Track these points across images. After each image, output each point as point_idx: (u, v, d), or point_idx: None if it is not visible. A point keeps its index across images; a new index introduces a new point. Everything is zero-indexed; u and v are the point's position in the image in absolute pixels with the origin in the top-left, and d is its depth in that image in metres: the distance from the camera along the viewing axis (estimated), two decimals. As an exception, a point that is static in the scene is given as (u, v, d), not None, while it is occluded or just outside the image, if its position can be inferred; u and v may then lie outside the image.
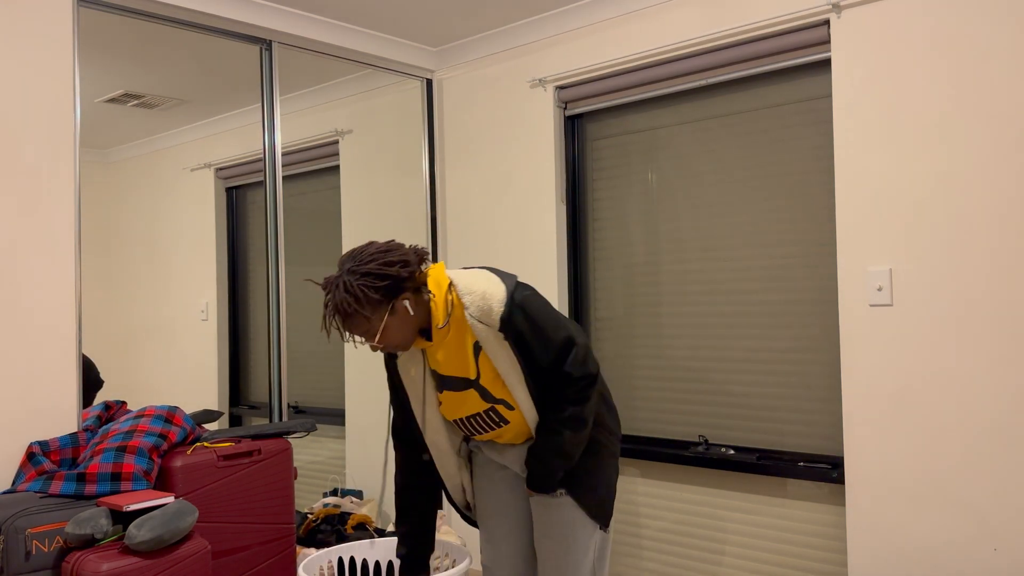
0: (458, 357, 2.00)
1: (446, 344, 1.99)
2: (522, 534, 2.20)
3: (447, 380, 2.04)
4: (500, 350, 1.94)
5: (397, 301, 1.89)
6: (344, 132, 3.57)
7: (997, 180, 2.25)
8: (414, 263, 1.92)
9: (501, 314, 1.91)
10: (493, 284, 1.95)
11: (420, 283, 1.95)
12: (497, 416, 2.04)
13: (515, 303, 1.93)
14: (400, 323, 1.91)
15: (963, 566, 2.31)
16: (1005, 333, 2.24)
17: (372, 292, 1.85)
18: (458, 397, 2.04)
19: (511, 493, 2.20)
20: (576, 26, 3.17)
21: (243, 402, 3.25)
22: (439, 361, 2.02)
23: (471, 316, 1.92)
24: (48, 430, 2.41)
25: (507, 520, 2.20)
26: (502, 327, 1.92)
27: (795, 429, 2.75)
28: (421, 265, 1.96)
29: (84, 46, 2.58)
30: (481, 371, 1.99)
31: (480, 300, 1.93)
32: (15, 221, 2.38)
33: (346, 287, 1.86)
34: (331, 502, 3.23)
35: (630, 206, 3.17)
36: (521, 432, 2.08)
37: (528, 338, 1.94)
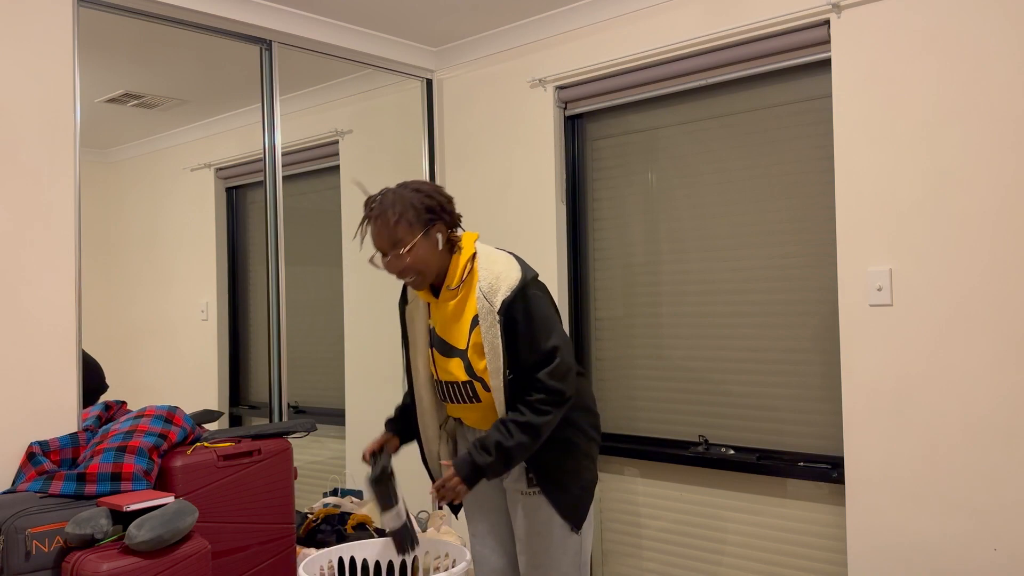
0: (455, 323, 2.06)
1: (450, 308, 2.06)
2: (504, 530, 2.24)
3: (440, 342, 2.10)
4: (491, 331, 1.99)
5: (433, 227, 2.00)
6: (344, 132, 3.57)
7: (997, 180, 2.25)
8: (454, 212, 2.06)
9: (505, 298, 1.97)
10: (511, 269, 2.02)
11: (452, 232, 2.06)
12: (472, 392, 2.08)
13: (523, 293, 1.99)
14: (427, 251, 2.00)
15: (963, 566, 2.31)
16: (1005, 333, 2.24)
17: (420, 205, 1.98)
18: (444, 361, 2.09)
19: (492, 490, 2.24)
20: (576, 26, 3.17)
21: (243, 402, 3.25)
22: (438, 321, 2.09)
23: (480, 290, 2.00)
24: (48, 430, 2.41)
25: (489, 516, 2.24)
26: (500, 310, 1.97)
27: (795, 429, 2.75)
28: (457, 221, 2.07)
29: (84, 46, 2.58)
30: (471, 343, 2.03)
31: (493, 279, 2.00)
32: (15, 221, 2.38)
33: (396, 192, 2.01)
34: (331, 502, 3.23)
35: (630, 206, 3.17)
36: (486, 418, 2.11)
37: (520, 330, 1.99)
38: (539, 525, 2.09)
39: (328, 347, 3.54)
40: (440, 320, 2.10)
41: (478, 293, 2.01)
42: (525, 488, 2.11)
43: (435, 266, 2.03)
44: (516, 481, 2.13)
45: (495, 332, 1.99)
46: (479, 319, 2.01)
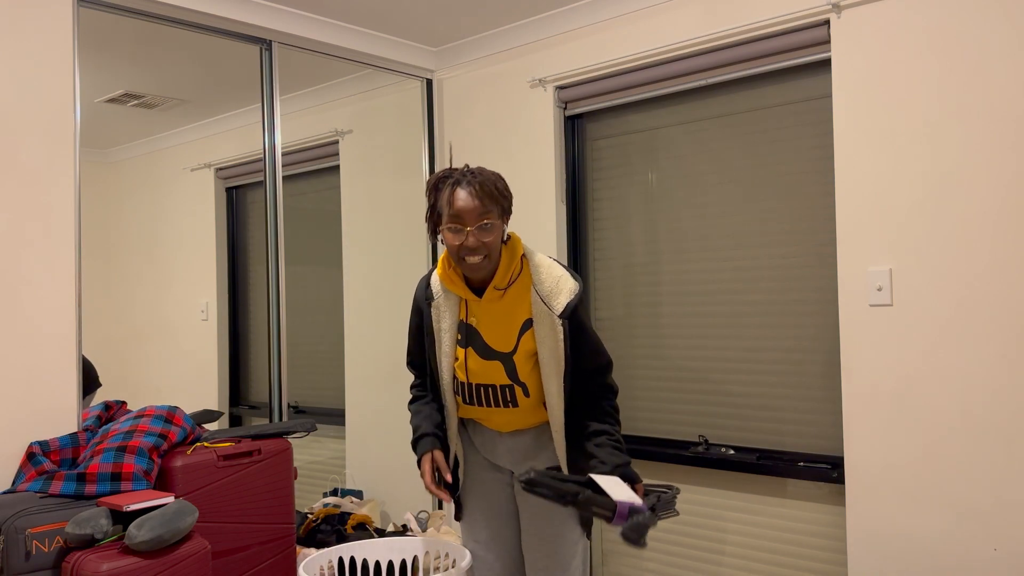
0: (503, 326, 1.98)
1: (496, 309, 1.98)
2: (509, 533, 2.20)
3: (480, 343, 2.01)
4: (551, 336, 1.93)
5: (506, 217, 1.96)
6: (344, 132, 3.57)
7: (997, 180, 2.25)
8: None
9: (569, 301, 1.93)
10: (568, 276, 1.97)
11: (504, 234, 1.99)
12: (511, 396, 2.01)
13: (583, 301, 1.97)
14: (497, 233, 1.93)
15: (963, 566, 2.31)
16: (1005, 333, 2.24)
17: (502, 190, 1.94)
18: (481, 363, 2.01)
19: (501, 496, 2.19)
20: (576, 26, 3.17)
21: (243, 402, 3.25)
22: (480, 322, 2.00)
23: (537, 293, 1.94)
24: (48, 430, 2.41)
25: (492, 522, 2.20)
26: (565, 314, 1.92)
27: (795, 429, 2.75)
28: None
29: (84, 46, 2.58)
30: (520, 348, 1.97)
31: (553, 282, 1.94)
32: (15, 221, 2.38)
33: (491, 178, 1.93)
34: (331, 502, 3.24)
35: (630, 206, 3.17)
36: (516, 421, 2.07)
37: (583, 336, 1.96)
38: (553, 528, 2.07)
39: (328, 347, 3.54)
40: (483, 321, 1.99)
41: (534, 296, 1.93)
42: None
43: (497, 256, 1.95)
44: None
45: (557, 337, 1.92)
46: (533, 323, 1.94)
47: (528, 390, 2.00)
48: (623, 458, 1.93)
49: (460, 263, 1.94)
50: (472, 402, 2.09)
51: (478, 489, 2.21)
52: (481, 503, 2.20)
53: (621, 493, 1.78)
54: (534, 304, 1.94)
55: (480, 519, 2.21)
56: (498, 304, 1.97)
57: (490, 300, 1.97)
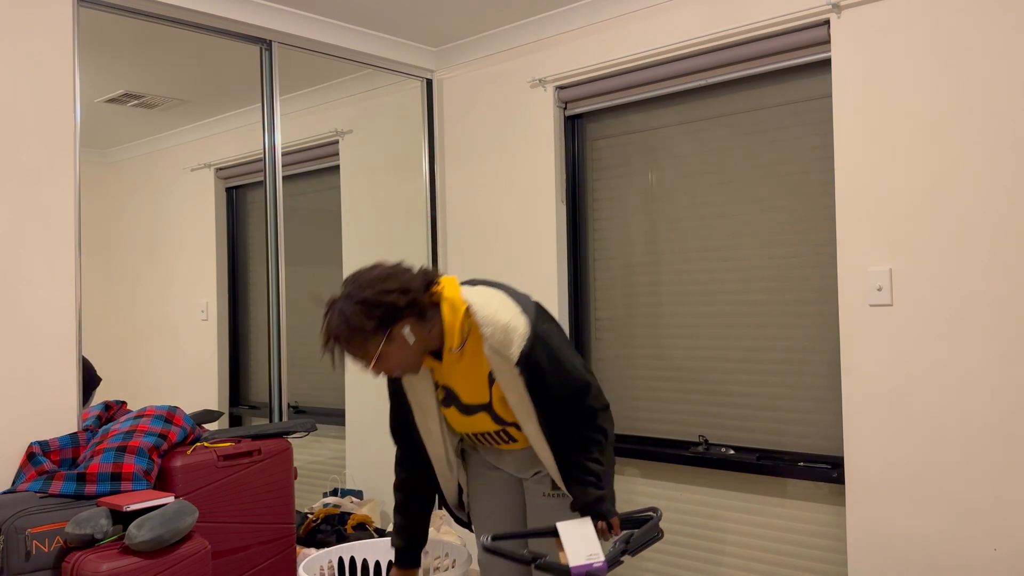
0: (472, 382, 1.96)
1: (460, 368, 1.95)
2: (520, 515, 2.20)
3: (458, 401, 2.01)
4: (512, 383, 1.90)
5: (395, 328, 1.82)
6: (344, 132, 3.57)
7: (996, 180, 2.25)
8: (417, 289, 1.85)
9: (522, 348, 1.86)
10: (516, 317, 1.89)
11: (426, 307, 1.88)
12: (507, 436, 2.04)
13: (537, 337, 1.88)
14: (399, 350, 1.84)
15: (963, 565, 2.31)
16: (1005, 333, 2.24)
17: (366, 319, 1.79)
18: (466, 419, 2.03)
19: (507, 494, 2.19)
20: (576, 26, 3.17)
21: (243, 402, 3.25)
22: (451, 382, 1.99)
23: (489, 347, 1.87)
24: (48, 430, 2.41)
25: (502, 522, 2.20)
26: (520, 362, 1.86)
27: (795, 429, 2.75)
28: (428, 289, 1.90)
29: (84, 46, 2.58)
30: (494, 398, 1.96)
31: (501, 334, 1.86)
32: (15, 221, 2.38)
33: (341, 313, 1.81)
34: (331, 502, 3.24)
35: (630, 206, 3.17)
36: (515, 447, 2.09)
37: (548, 374, 1.89)
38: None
39: (328, 347, 3.53)
40: (453, 381, 1.98)
41: (487, 350, 1.87)
42: (548, 490, 2.08)
43: (415, 353, 1.87)
44: (539, 483, 2.10)
45: (519, 385, 1.89)
46: (495, 374, 1.91)
47: (519, 425, 2.00)
48: (595, 494, 1.89)
49: None
50: (480, 444, 2.12)
51: (485, 490, 2.21)
52: (490, 503, 2.20)
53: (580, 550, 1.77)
54: (489, 358, 1.88)
55: (492, 518, 2.21)
56: (460, 363, 1.94)
57: (451, 362, 1.94)
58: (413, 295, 1.84)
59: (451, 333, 1.88)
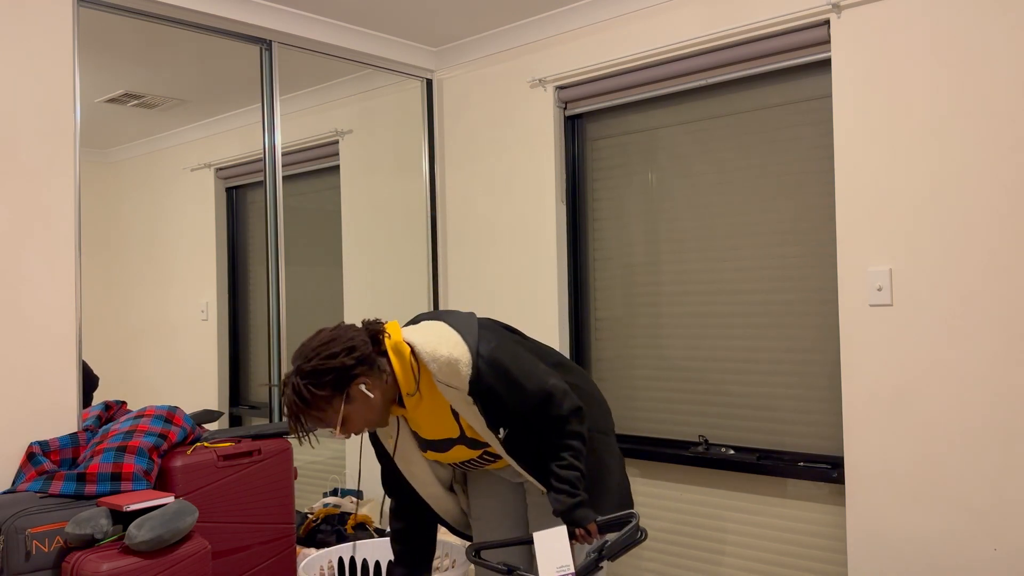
0: (438, 419, 1.96)
1: (423, 409, 1.95)
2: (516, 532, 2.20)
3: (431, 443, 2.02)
4: (470, 413, 1.90)
5: (351, 388, 1.82)
6: (344, 132, 3.57)
7: (997, 180, 2.25)
8: (362, 346, 1.84)
9: (469, 377, 1.85)
10: (456, 346, 1.88)
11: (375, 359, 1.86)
12: (491, 456, 2.05)
13: (483, 360, 1.88)
14: (361, 407, 1.84)
15: (963, 565, 2.31)
16: (1005, 333, 2.24)
17: (318, 389, 1.79)
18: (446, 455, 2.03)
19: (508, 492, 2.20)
20: (576, 26, 3.17)
21: (243, 402, 3.25)
22: (421, 426, 1.99)
23: (441, 383, 1.87)
24: (48, 430, 2.41)
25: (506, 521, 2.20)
26: (471, 390, 1.86)
27: (795, 429, 2.75)
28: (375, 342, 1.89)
29: (84, 46, 2.58)
30: (463, 428, 1.97)
31: (446, 366, 1.86)
32: (15, 221, 2.38)
33: (294, 388, 1.81)
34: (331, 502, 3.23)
35: (630, 206, 3.17)
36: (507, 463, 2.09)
37: (502, 393, 1.88)
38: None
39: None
40: (421, 425, 1.99)
41: (440, 387, 1.88)
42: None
43: (380, 406, 1.87)
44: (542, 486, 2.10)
45: (474, 412, 1.89)
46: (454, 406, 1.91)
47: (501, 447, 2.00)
48: (568, 502, 1.88)
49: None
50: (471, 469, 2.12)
51: (486, 488, 2.21)
52: (491, 502, 2.20)
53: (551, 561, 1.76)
54: (445, 393, 1.88)
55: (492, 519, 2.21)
56: (422, 405, 1.95)
57: (413, 406, 1.94)
58: (359, 351, 1.83)
59: (404, 379, 1.88)
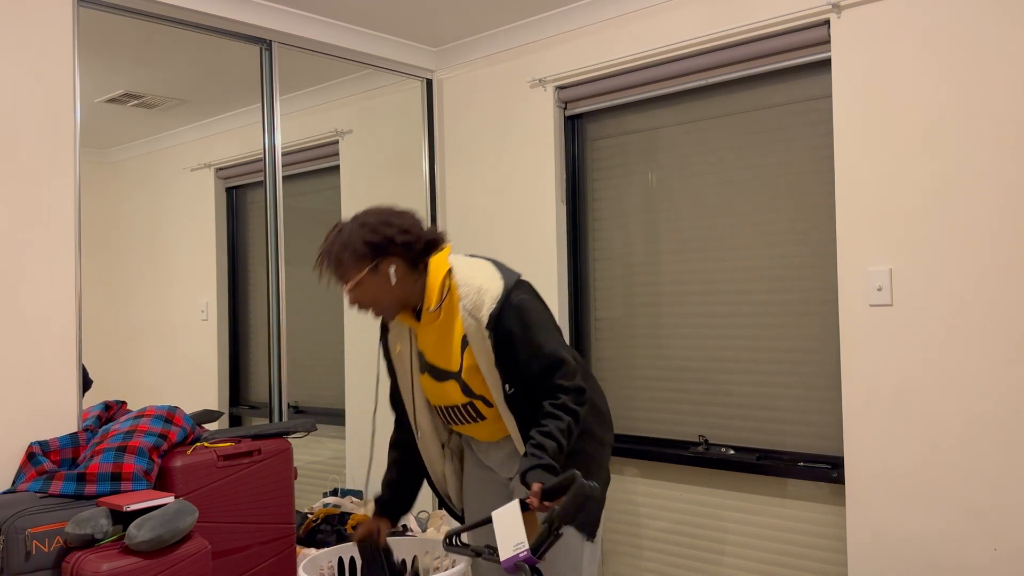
0: (444, 346, 1.96)
1: (435, 330, 1.96)
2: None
3: (431, 367, 2.01)
4: (483, 349, 1.89)
5: (382, 261, 1.88)
6: (344, 132, 3.57)
7: (997, 180, 2.25)
8: (418, 236, 1.90)
9: (492, 311, 1.87)
10: (492, 280, 1.91)
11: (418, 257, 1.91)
12: (475, 411, 2.01)
13: (509, 303, 1.88)
14: (379, 286, 1.89)
15: (963, 565, 2.31)
16: (1005, 333, 2.24)
17: (360, 243, 1.87)
18: (438, 386, 2.01)
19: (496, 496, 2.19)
20: (576, 26, 3.17)
21: (243, 402, 3.25)
22: (427, 347, 2.00)
23: (464, 308, 1.89)
24: (48, 430, 2.41)
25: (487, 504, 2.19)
26: (489, 324, 1.87)
27: (795, 429, 2.75)
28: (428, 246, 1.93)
29: (84, 46, 2.58)
30: (464, 365, 1.95)
31: (475, 294, 1.89)
32: (15, 221, 2.38)
33: (341, 231, 1.90)
34: (331, 502, 3.23)
35: (630, 206, 3.17)
36: (496, 430, 2.06)
37: (517, 341, 1.88)
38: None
39: (328, 347, 3.54)
40: (428, 344, 2.00)
41: (462, 312, 1.89)
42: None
43: (393, 299, 1.92)
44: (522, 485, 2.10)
45: (487, 348, 1.88)
46: (468, 339, 1.91)
47: (488, 400, 1.98)
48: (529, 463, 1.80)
49: None
50: (452, 421, 2.09)
51: (477, 490, 2.22)
52: (482, 507, 2.20)
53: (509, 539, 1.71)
54: (464, 320, 1.90)
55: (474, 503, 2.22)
56: (435, 326, 1.96)
57: (428, 323, 1.96)
58: (411, 238, 1.89)
59: (431, 291, 1.91)
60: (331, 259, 1.91)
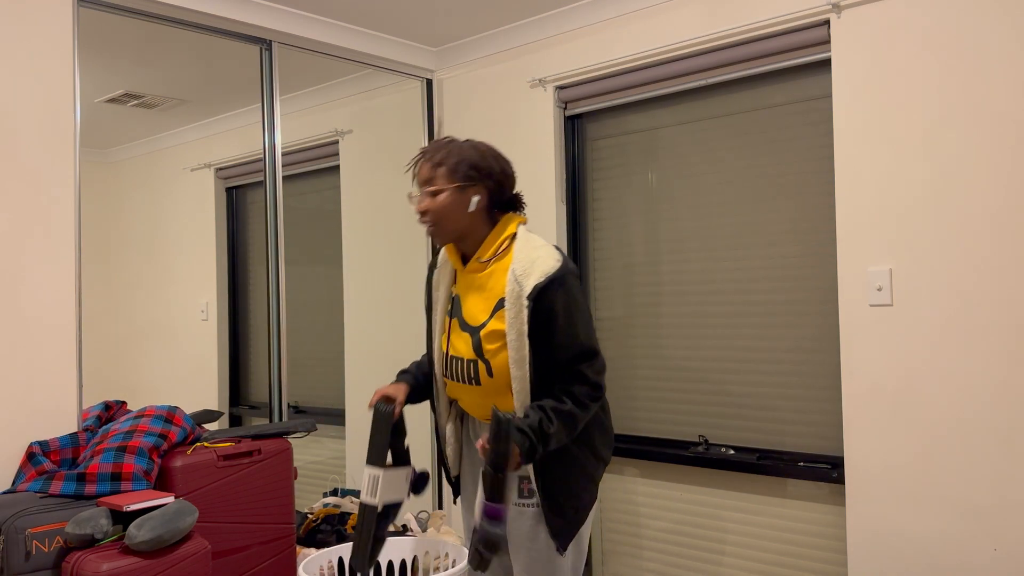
0: (479, 300, 1.99)
1: (476, 280, 2.00)
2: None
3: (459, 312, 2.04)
4: (517, 317, 1.89)
5: (472, 187, 1.96)
6: (344, 132, 3.57)
7: (997, 180, 2.25)
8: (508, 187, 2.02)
9: (538, 283, 1.87)
10: (550, 257, 1.93)
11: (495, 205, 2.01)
12: (475, 372, 1.99)
13: (558, 282, 1.88)
14: (455, 205, 1.96)
15: (963, 566, 2.31)
16: (1005, 333, 2.24)
17: (465, 159, 1.96)
18: (458, 334, 2.02)
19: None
20: (576, 26, 3.17)
21: (243, 402, 3.25)
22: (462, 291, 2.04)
23: (512, 272, 1.92)
24: (48, 430, 2.41)
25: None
26: (531, 295, 1.87)
27: (795, 429, 2.75)
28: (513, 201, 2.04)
29: (84, 46, 2.58)
30: (488, 326, 1.95)
31: (528, 263, 1.92)
32: (15, 222, 2.38)
33: (453, 140, 2.01)
34: (331, 502, 3.23)
35: (630, 206, 3.17)
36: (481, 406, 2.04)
37: (557, 321, 1.88)
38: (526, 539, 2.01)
39: (328, 347, 3.54)
40: (464, 290, 2.03)
41: (510, 275, 1.91)
42: (516, 499, 2.02)
43: (458, 225, 1.97)
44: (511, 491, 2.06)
45: (523, 317, 1.88)
46: (505, 302, 1.91)
47: (491, 369, 1.96)
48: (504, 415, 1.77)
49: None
50: (448, 374, 2.08)
51: (473, 488, 2.22)
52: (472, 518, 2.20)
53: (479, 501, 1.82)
54: (508, 283, 1.91)
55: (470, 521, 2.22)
56: (478, 277, 2.00)
57: (472, 271, 2.01)
58: (506, 184, 2.02)
59: (490, 243, 1.99)
60: (431, 157, 1.98)
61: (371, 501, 1.92)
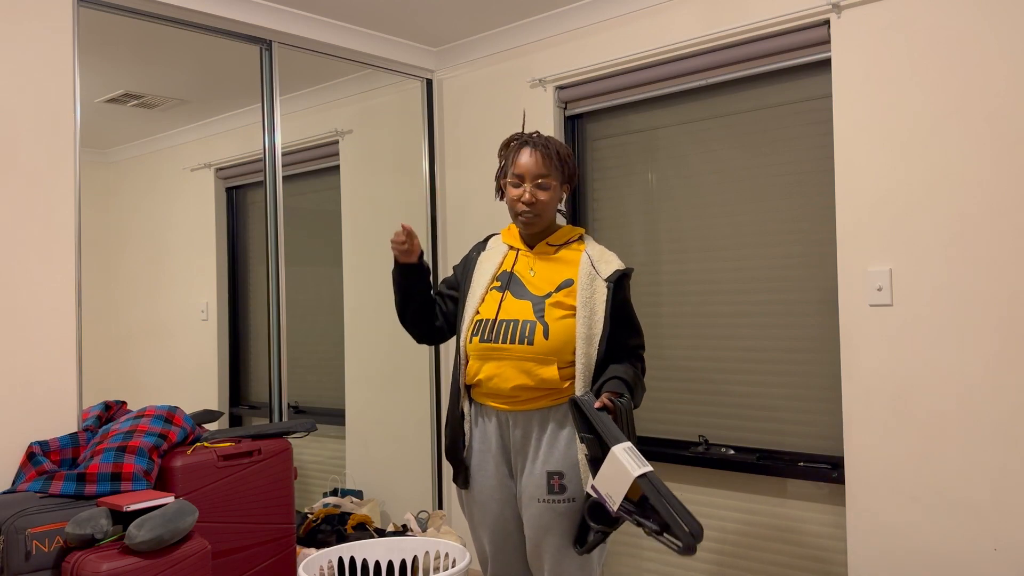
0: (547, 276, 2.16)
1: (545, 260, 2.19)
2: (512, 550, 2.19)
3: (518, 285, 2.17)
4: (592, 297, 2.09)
5: (565, 185, 2.22)
6: (344, 132, 3.57)
7: (997, 179, 2.25)
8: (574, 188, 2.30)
9: (616, 271, 2.12)
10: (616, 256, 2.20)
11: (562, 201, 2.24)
12: (531, 332, 2.08)
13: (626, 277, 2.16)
14: (553, 196, 2.18)
15: (963, 566, 2.31)
16: (1005, 333, 2.24)
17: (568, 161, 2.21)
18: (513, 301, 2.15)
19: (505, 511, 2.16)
20: (576, 26, 3.17)
21: (243, 402, 3.25)
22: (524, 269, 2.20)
23: (588, 256, 2.15)
24: (48, 430, 2.41)
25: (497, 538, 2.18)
26: (611, 278, 2.10)
27: (795, 429, 2.75)
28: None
29: (84, 46, 2.58)
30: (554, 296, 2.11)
31: (601, 253, 2.17)
32: (15, 221, 2.38)
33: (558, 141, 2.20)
34: (331, 502, 3.24)
35: (630, 206, 3.17)
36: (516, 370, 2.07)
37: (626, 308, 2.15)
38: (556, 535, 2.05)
39: (328, 347, 3.54)
40: (527, 267, 2.19)
41: (584, 258, 2.14)
42: (545, 495, 2.05)
43: (550, 217, 2.20)
44: (537, 488, 2.07)
45: (600, 297, 2.08)
46: (578, 281, 2.11)
47: (548, 333, 2.07)
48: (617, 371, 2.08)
49: (516, 218, 2.19)
50: (489, 338, 2.12)
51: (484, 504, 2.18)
52: (486, 518, 2.18)
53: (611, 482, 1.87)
54: (582, 266, 2.13)
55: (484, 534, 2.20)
56: (546, 259, 2.19)
57: (540, 253, 2.20)
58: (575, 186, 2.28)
59: (561, 233, 2.23)
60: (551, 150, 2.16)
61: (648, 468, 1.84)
